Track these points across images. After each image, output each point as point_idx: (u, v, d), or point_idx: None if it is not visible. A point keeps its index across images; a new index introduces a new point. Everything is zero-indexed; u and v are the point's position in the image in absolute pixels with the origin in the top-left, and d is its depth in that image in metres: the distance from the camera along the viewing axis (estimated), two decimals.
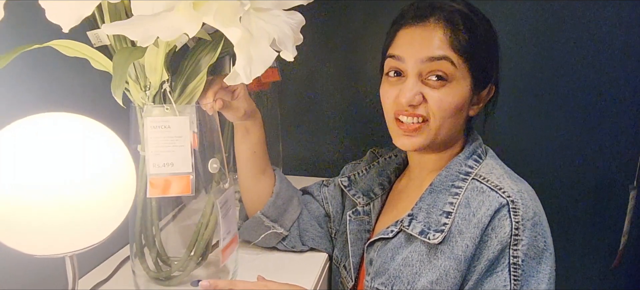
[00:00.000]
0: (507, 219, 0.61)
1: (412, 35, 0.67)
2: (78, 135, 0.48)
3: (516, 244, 0.60)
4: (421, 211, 0.68)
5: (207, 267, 0.72)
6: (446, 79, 0.65)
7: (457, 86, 0.65)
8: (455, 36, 0.64)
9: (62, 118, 0.49)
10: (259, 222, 0.80)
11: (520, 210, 0.61)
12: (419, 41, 0.66)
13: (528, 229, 0.61)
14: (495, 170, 0.67)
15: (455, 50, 0.64)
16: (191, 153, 0.61)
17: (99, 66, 0.59)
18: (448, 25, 0.65)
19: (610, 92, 1.07)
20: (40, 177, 0.44)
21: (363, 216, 0.80)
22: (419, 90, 0.66)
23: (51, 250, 0.48)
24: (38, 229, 0.45)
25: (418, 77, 0.66)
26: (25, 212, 0.44)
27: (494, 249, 0.61)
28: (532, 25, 1.08)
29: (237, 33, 0.42)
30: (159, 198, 0.67)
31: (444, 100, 0.65)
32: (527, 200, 0.62)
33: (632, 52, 1.04)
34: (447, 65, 0.64)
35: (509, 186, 0.63)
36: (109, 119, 0.55)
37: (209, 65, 0.61)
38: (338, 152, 1.27)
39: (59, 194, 0.45)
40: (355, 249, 0.79)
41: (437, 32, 0.65)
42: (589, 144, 1.11)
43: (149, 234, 0.68)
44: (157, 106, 0.61)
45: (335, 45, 1.20)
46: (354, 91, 1.21)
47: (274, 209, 0.80)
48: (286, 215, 0.82)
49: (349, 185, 0.83)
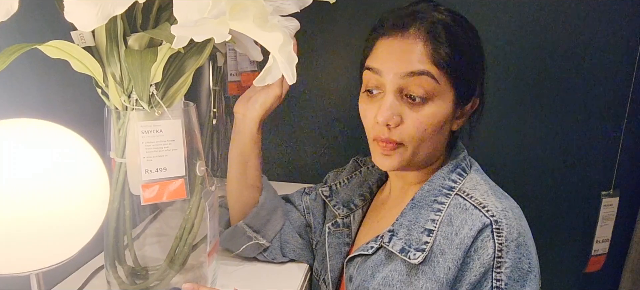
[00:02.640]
0: (490, 240, 0.58)
1: (391, 46, 0.63)
2: (45, 144, 0.45)
3: (499, 266, 0.57)
4: (402, 227, 0.64)
5: (185, 273, 0.71)
6: (427, 98, 0.61)
7: (438, 103, 0.62)
8: (437, 49, 0.61)
9: (27, 124, 0.46)
10: (241, 232, 0.79)
11: (504, 231, 0.58)
12: (398, 53, 0.62)
13: (512, 250, 0.57)
14: (479, 186, 0.64)
15: (436, 65, 0.61)
16: (185, 156, 0.61)
17: (82, 68, 0.55)
18: (429, 37, 0.61)
19: (588, 99, 1.07)
20: (1, 189, 0.41)
21: (343, 228, 0.77)
22: (398, 110, 0.62)
23: (14, 269, 0.45)
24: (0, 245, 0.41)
25: (397, 94, 0.62)
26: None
27: (477, 272, 0.58)
28: (507, 31, 1.06)
29: (280, 37, 0.45)
30: (134, 206, 0.64)
31: (423, 123, 0.62)
32: (511, 219, 0.59)
33: (610, 59, 1.04)
34: (427, 81, 0.60)
35: (493, 204, 0.60)
36: (78, 124, 0.53)
37: (194, 68, 0.61)
38: (317, 157, 1.23)
39: (23, 207, 0.42)
40: (334, 263, 0.76)
41: (417, 45, 0.61)
42: (567, 149, 1.10)
43: (121, 246, 0.65)
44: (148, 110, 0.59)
45: (316, 49, 1.17)
46: (334, 96, 1.19)
47: (257, 220, 0.79)
48: (269, 226, 0.80)
49: (330, 195, 0.80)
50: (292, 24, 0.59)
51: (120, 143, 0.60)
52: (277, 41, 0.45)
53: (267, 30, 0.45)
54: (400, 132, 0.63)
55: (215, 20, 0.45)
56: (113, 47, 0.54)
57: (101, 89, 0.59)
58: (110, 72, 0.56)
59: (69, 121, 0.50)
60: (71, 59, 0.54)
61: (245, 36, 0.59)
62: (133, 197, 0.63)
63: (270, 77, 0.51)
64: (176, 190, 0.61)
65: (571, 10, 1.03)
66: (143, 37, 0.53)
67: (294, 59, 0.47)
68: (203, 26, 0.44)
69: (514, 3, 1.05)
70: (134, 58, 0.49)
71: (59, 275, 0.74)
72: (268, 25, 0.45)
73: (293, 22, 0.59)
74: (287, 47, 0.46)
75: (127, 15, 0.53)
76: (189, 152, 0.66)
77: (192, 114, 0.65)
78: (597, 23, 1.03)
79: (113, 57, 0.55)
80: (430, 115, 0.62)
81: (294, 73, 0.47)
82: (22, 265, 0.44)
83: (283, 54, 0.45)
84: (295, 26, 0.60)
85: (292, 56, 0.47)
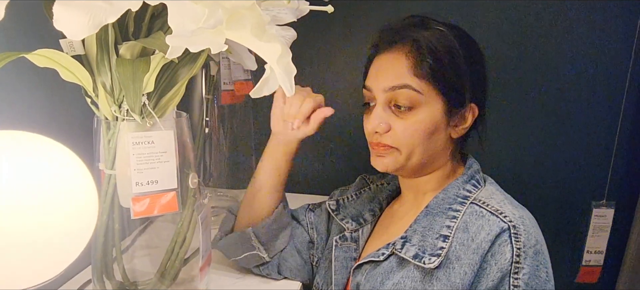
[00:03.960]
0: (508, 244, 0.57)
1: (379, 64, 0.68)
2: (31, 156, 0.43)
3: (517, 272, 0.57)
4: (416, 234, 0.64)
5: (176, 288, 0.69)
6: (411, 107, 0.64)
7: (425, 110, 0.64)
8: (418, 62, 0.64)
9: (13, 136, 0.44)
10: (247, 239, 0.77)
11: (522, 236, 0.58)
12: (383, 71, 0.67)
13: (530, 256, 0.57)
14: (495, 196, 0.64)
15: (418, 77, 0.64)
16: (177, 168, 0.59)
17: (71, 78, 0.53)
18: (412, 51, 0.64)
19: (580, 107, 1.07)
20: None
21: (350, 242, 0.76)
22: (386, 119, 0.66)
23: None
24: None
25: (385, 105, 0.67)
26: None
27: (494, 277, 0.57)
28: (497, 39, 1.06)
29: (278, 48, 0.43)
30: (123, 219, 0.62)
31: (409, 128, 0.65)
32: (529, 226, 0.59)
33: (601, 67, 1.04)
34: (408, 94, 0.64)
35: (510, 211, 0.61)
36: (66, 135, 0.51)
37: (188, 77, 0.60)
38: (313, 168, 1.22)
39: (6, 223, 0.39)
40: (338, 278, 0.74)
41: (400, 60, 0.65)
42: (560, 159, 1.10)
43: (110, 260, 0.63)
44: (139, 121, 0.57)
45: (312, 60, 1.17)
46: (334, 106, 1.16)
47: (267, 232, 0.77)
48: (276, 242, 0.78)
49: (337, 210, 0.79)
50: (289, 34, 0.57)
51: (110, 154, 0.58)
52: (275, 52, 0.43)
53: (264, 40, 0.43)
54: (391, 137, 0.67)
55: (211, 30, 0.43)
56: (104, 56, 0.52)
57: (91, 98, 0.57)
58: (100, 81, 0.54)
59: (57, 131, 0.48)
60: (60, 68, 0.52)
61: (240, 45, 0.58)
62: (123, 209, 0.61)
63: (267, 88, 0.49)
64: (168, 204, 0.59)
65: (563, 16, 1.04)
66: (135, 46, 0.52)
67: (293, 70, 0.46)
68: (199, 36, 0.42)
69: (503, 9, 1.05)
70: (125, 67, 0.48)
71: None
72: (266, 36, 0.43)
73: (290, 32, 0.58)
74: (285, 58, 0.44)
75: (118, 23, 0.51)
76: (181, 164, 0.64)
77: (185, 125, 0.63)
78: (590, 30, 1.03)
79: (103, 66, 0.53)
80: (416, 121, 0.65)
81: (293, 85, 0.46)
82: (4, 284, 0.42)
83: (281, 65, 0.44)
84: (292, 36, 0.58)
85: (291, 67, 0.46)
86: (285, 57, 0.44)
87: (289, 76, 0.45)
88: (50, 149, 0.46)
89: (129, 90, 0.48)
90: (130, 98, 0.47)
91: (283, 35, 0.57)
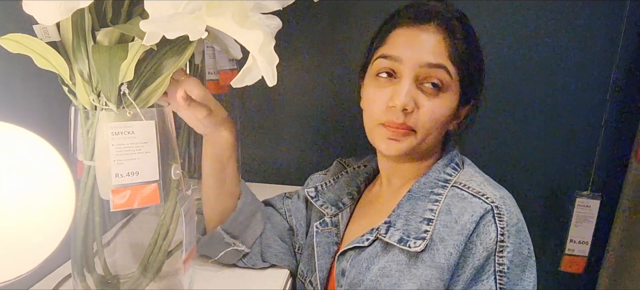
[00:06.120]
0: (492, 224, 0.59)
1: (410, 36, 0.64)
2: (3, 147, 0.41)
3: (502, 250, 0.59)
4: (399, 218, 0.65)
5: (159, 282, 0.68)
6: (441, 88, 0.63)
7: (449, 96, 0.64)
8: (454, 46, 0.63)
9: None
10: (219, 238, 0.75)
11: (505, 216, 0.59)
12: (418, 44, 0.63)
13: (513, 235, 0.59)
14: (474, 178, 0.66)
15: (452, 61, 0.63)
16: (159, 159, 0.57)
17: (46, 65, 0.51)
18: (448, 33, 0.63)
19: (564, 99, 1.07)
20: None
21: (331, 227, 0.76)
22: (414, 96, 0.63)
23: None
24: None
25: (414, 81, 0.63)
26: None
27: (480, 256, 0.59)
28: (482, 32, 1.07)
29: (260, 36, 0.42)
30: (104, 211, 0.61)
31: (436, 111, 0.63)
32: (510, 206, 0.61)
33: (587, 59, 1.05)
34: (443, 75, 0.62)
35: (491, 192, 0.62)
36: (42, 125, 0.49)
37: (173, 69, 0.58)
38: (299, 159, 1.21)
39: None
40: (322, 263, 0.74)
41: (437, 39, 0.63)
42: (543, 149, 1.11)
43: (90, 253, 0.61)
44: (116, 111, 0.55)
45: (299, 49, 1.14)
46: (317, 96, 1.16)
47: (235, 225, 0.75)
48: (248, 231, 0.77)
49: (316, 196, 0.79)
50: (273, 23, 0.56)
51: (89, 145, 0.57)
52: (257, 40, 0.42)
53: (246, 28, 0.42)
54: (415, 118, 0.63)
55: (190, 15, 0.42)
56: (80, 43, 0.50)
57: (68, 87, 0.55)
58: (77, 69, 0.52)
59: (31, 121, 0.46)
60: (33, 55, 0.50)
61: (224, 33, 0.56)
62: (103, 202, 0.59)
63: (249, 78, 0.48)
64: (149, 196, 0.57)
65: (547, 11, 1.04)
66: (113, 33, 0.50)
67: (275, 59, 0.45)
68: (176, 22, 0.41)
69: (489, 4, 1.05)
70: (102, 54, 0.46)
71: (20, 285, 0.69)
72: (248, 23, 0.42)
73: (275, 21, 0.56)
74: (268, 47, 0.43)
75: (95, 9, 0.50)
76: (163, 155, 0.62)
77: (167, 115, 0.61)
78: (575, 23, 1.04)
79: (80, 53, 0.51)
80: (441, 105, 0.64)
81: (275, 74, 0.44)
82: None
83: (263, 54, 0.43)
84: (277, 25, 0.56)
85: (273, 56, 0.44)
86: (268, 45, 0.43)
87: (271, 65, 0.43)
88: (24, 139, 0.44)
89: (105, 77, 0.46)
90: (106, 86, 0.46)
91: (267, 24, 0.56)
